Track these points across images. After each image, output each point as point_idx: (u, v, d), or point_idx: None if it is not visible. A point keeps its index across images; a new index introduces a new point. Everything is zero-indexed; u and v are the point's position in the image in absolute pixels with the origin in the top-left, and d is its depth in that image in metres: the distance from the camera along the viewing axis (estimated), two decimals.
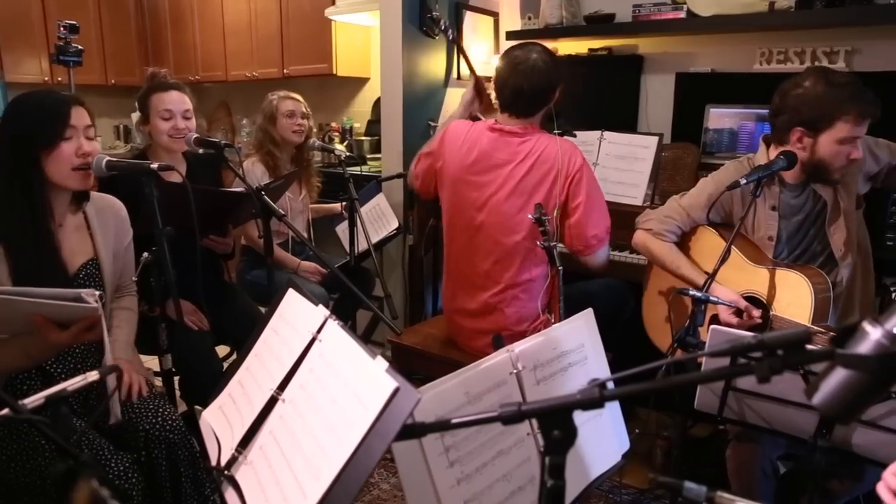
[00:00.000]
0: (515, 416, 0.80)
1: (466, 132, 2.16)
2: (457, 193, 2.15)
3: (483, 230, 2.09)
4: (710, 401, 1.57)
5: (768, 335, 0.72)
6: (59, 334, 1.34)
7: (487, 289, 2.11)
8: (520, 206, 2.03)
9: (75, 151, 1.55)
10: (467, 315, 2.18)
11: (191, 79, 5.18)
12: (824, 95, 1.73)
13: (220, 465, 1.11)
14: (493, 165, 2.07)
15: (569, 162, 2.01)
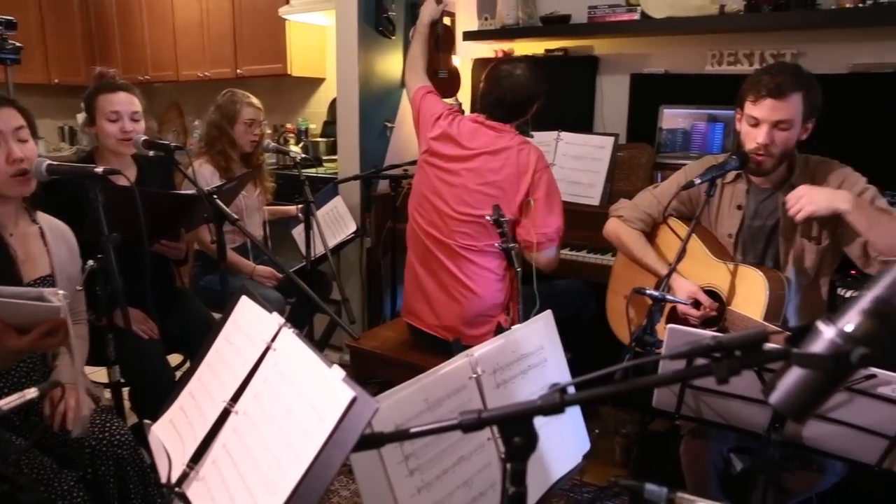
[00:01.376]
0: (476, 423, 0.79)
1: (450, 112, 2.29)
2: (426, 176, 2.24)
3: (447, 216, 2.16)
4: (668, 399, 1.59)
5: (726, 336, 0.72)
6: (17, 339, 1.24)
7: (449, 272, 2.16)
8: (487, 197, 2.10)
9: (6, 158, 1.47)
10: (425, 298, 2.22)
11: (140, 78, 5.03)
12: (748, 78, 1.80)
13: (171, 482, 1.06)
14: (468, 155, 2.16)
15: (536, 161, 2.11)
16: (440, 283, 2.16)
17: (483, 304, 2.13)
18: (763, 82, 1.73)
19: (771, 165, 1.80)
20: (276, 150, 2.80)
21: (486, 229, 2.08)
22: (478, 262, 2.12)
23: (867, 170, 1.87)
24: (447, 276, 2.14)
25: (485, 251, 2.11)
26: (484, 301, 2.13)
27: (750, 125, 1.78)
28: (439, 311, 2.17)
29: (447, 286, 2.15)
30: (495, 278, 2.14)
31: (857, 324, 0.71)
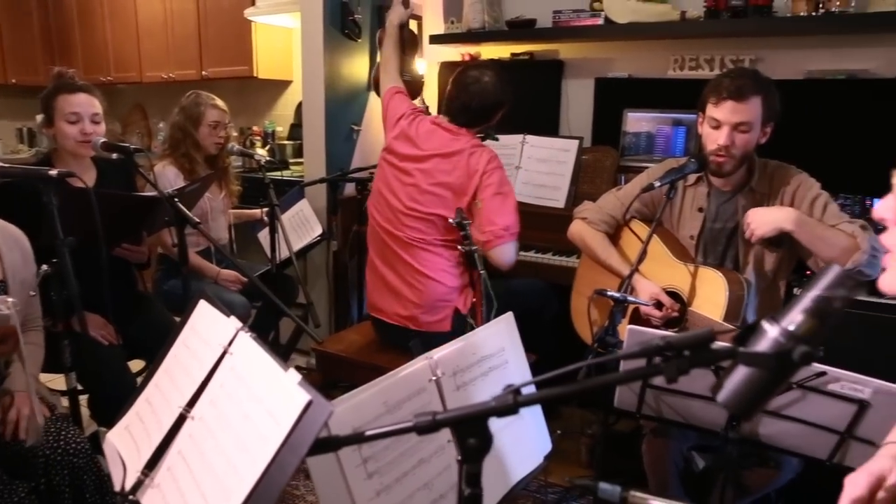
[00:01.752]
0: (430, 425, 0.79)
1: (412, 113, 2.33)
2: (383, 173, 2.29)
3: (399, 211, 2.20)
4: (629, 398, 1.61)
5: (675, 336, 0.74)
6: None
7: (405, 262, 2.20)
8: (437, 198, 2.15)
9: None
10: (385, 288, 2.27)
11: (102, 80, 4.93)
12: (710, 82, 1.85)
13: (125, 490, 1.04)
14: (422, 156, 2.20)
15: (485, 163, 2.13)
16: (398, 273, 2.21)
17: (439, 289, 2.17)
18: (724, 85, 1.77)
19: (731, 167, 1.84)
20: (241, 153, 2.77)
21: (436, 226, 2.15)
22: (431, 251, 2.17)
23: (821, 173, 1.92)
24: (403, 266, 2.19)
25: (435, 244, 2.17)
26: (440, 286, 2.17)
27: (711, 127, 1.82)
28: (400, 300, 2.21)
29: (404, 276, 2.19)
30: (449, 265, 2.18)
31: (799, 323, 0.73)
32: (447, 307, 2.18)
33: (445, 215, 2.11)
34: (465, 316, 2.17)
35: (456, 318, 2.18)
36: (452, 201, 2.12)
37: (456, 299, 2.19)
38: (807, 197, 1.83)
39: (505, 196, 2.13)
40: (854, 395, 1.36)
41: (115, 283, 2.23)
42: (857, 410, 1.37)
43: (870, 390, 1.35)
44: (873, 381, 1.34)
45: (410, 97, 2.52)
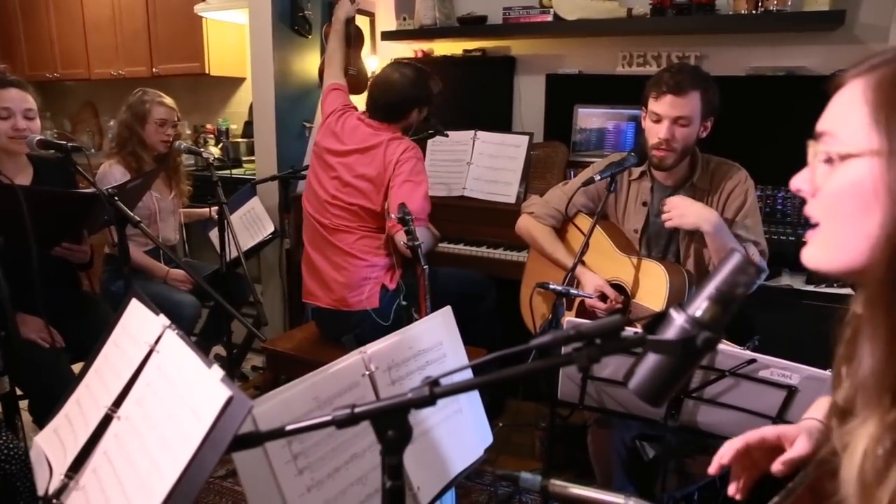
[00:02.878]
0: (348, 419, 0.79)
1: (343, 109, 2.38)
2: (313, 165, 2.39)
3: (325, 201, 2.29)
4: (572, 390, 1.64)
5: (586, 325, 0.75)
6: None
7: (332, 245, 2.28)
8: (358, 190, 2.23)
9: None
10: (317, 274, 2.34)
11: (49, 76, 4.80)
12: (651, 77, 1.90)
13: (48, 494, 1.02)
14: (344, 151, 2.28)
15: (400, 153, 2.20)
16: (326, 258, 2.29)
17: (363, 267, 2.24)
18: (664, 80, 1.82)
19: (672, 161, 1.88)
20: (188, 151, 2.73)
21: (359, 216, 2.24)
22: (355, 234, 2.25)
23: (762, 166, 1.98)
24: (331, 250, 2.27)
25: (359, 230, 2.25)
26: (363, 264, 2.24)
27: (652, 121, 1.86)
28: (329, 283, 2.28)
29: (332, 258, 2.27)
30: (373, 246, 2.26)
31: (703, 309, 0.75)
32: (373, 284, 2.24)
33: (367, 206, 2.21)
34: (392, 292, 2.24)
35: (383, 294, 2.25)
36: (373, 193, 2.20)
37: (382, 276, 2.26)
38: (738, 200, 1.91)
39: (415, 184, 2.17)
40: (783, 381, 1.41)
41: (57, 284, 2.18)
42: (786, 396, 1.41)
43: (798, 376, 1.39)
44: (801, 367, 1.39)
45: (356, 91, 2.54)
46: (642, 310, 1.91)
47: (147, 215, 2.68)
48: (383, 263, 2.27)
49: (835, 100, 0.72)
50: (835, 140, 0.69)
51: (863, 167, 0.65)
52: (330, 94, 2.48)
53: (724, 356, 1.43)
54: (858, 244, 0.66)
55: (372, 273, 2.24)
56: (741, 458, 0.94)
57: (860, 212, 0.65)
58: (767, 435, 0.93)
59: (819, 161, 0.70)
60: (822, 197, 0.70)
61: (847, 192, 0.67)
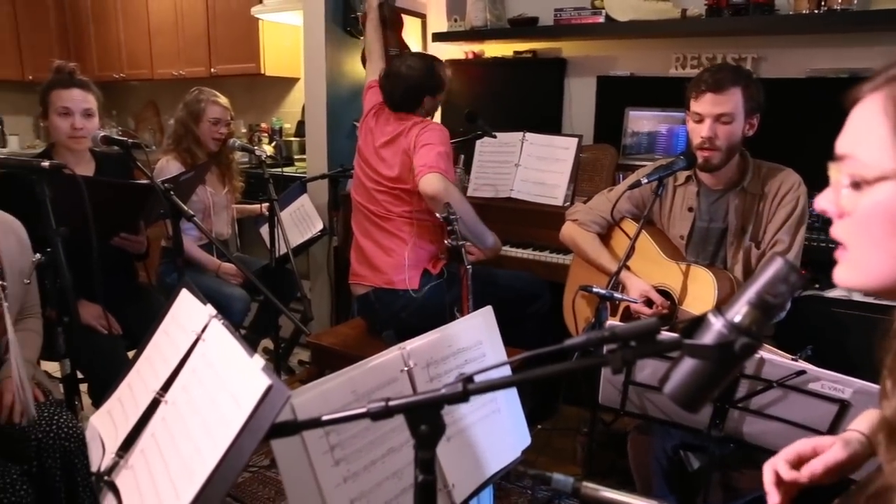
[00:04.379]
0: (383, 411, 0.81)
1: (381, 106, 2.45)
2: (357, 160, 2.46)
3: (371, 189, 2.38)
4: (613, 395, 1.62)
5: (621, 327, 0.74)
6: None
7: (379, 237, 2.36)
8: (393, 172, 2.31)
9: None
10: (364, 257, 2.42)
11: (115, 76, 5.01)
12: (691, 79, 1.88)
13: (101, 471, 1.07)
14: (380, 143, 2.36)
15: (418, 132, 2.26)
16: (375, 242, 2.37)
17: (410, 249, 2.30)
18: (703, 79, 1.80)
19: (718, 160, 1.84)
20: (241, 148, 2.81)
21: (404, 200, 2.30)
22: (404, 219, 2.33)
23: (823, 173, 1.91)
24: (380, 234, 2.35)
25: (403, 216, 2.33)
26: (410, 247, 2.31)
27: (694, 122, 1.83)
28: (378, 265, 2.35)
29: (381, 242, 2.35)
30: (421, 231, 2.34)
31: (743, 315, 0.73)
32: (417, 267, 2.31)
33: (407, 188, 2.27)
34: (434, 276, 2.29)
35: (425, 277, 2.30)
36: (408, 175, 2.26)
37: (426, 261, 2.33)
38: (789, 205, 1.86)
39: (432, 146, 2.21)
40: (835, 394, 1.36)
41: (115, 274, 2.28)
42: (838, 410, 1.36)
43: (850, 390, 1.34)
44: (854, 380, 1.34)
45: None
46: (689, 316, 1.87)
47: (201, 209, 2.77)
48: (429, 249, 2.34)
49: (852, 117, 0.69)
50: (856, 163, 0.66)
51: (889, 190, 0.63)
52: (368, 92, 2.57)
53: (772, 366, 1.39)
54: (890, 265, 0.64)
55: (417, 257, 2.31)
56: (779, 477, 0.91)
57: (890, 235, 0.63)
58: (803, 450, 0.90)
59: (843, 185, 0.68)
60: (849, 221, 0.68)
61: (875, 216, 0.64)
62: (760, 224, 1.90)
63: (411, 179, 2.23)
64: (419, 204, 2.25)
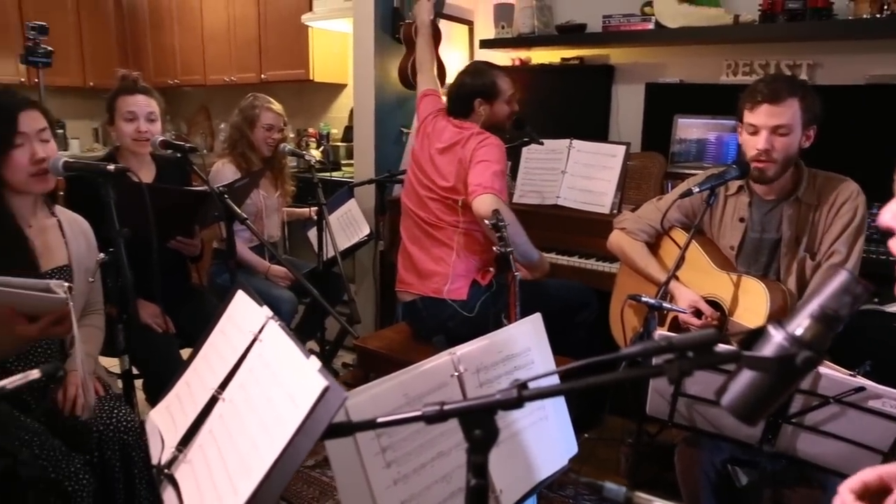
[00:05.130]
0: (437, 415, 0.82)
1: (436, 113, 2.48)
2: (410, 166, 2.47)
3: (424, 197, 2.38)
4: (661, 406, 1.60)
5: (678, 337, 0.74)
6: (27, 327, 1.34)
7: (428, 244, 2.36)
8: (450, 186, 2.29)
9: (29, 158, 1.55)
10: (412, 265, 2.42)
11: (170, 82, 5.18)
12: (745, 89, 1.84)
13: (161, 464, 1.11)
14: (436, 150, 2.36)
15: (476, 144, 2.25)
16: (425, 249, 2.37)
17: (459, 260, 2.30)
18: (759, 89, 1.76)
19: (773, 172, 1.80)
20: (292, 153, 2.87)
21: (455, 210, 2.29)
22: (455, 228, 2.31)
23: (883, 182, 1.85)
24: (430, 241, 2.35)
25: (454, 224, 2.31)
26: (460, 257, 2.30)
27: (749, 133, 1.80)
28: (425, 274, 2.35)
29: (430, 250, 2.35)
30: (472, 241, 2.32)
31: (805, 328, 0.72)
32: (466, 278, 2.30)
33: (457, 198, 2.27)
34: (483, 288, 2.28)
35: (473, 289, 2.29)
36: (461, 185, 2.25)
37: (475, 272, 2.32)
38: (846, 216, 1.81)
39: (488, 163, 2.20)
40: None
41: (170, 275, 2.35)
42: None
43: None
44: None
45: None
46: (740, 328, 1.84)
47: (254, 212, 2.84)
48: (478, 260, 2.33)
49: None
50: None
51: None
52: (423, 100, 2.59)
53: (829, 381, 1.35)
54: None
55: (466, 268, 2.30)
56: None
57: None
58: (868, 479, 0.87)
59: None
60: None
61: None
62: (816, 235, 1.86)
63: (464, 191, 2.23)
64: (470, 215, 2.24)
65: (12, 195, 1.60)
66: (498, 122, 2.38)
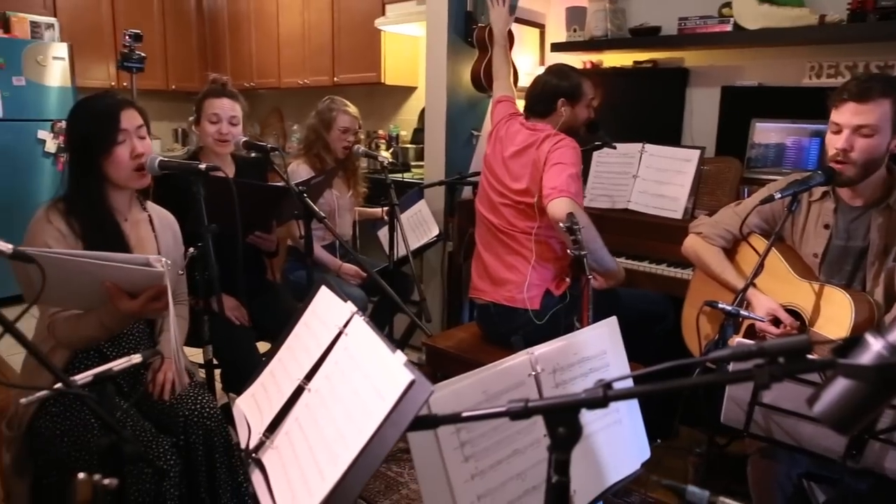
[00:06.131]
0: (522, 411, 0.84)
1: (509, 117, 2.48)
2: (484, 170, 2.46)
3: (497, 203, 2.37)
4: (737, 415, 1.56)
5: (770, 342, 0.73)
6: (129, 302, 1.44)
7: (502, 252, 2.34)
8: (520, 186, 2.28)
9: (130, 153, 1.64)
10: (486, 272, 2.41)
11: (246, 85, 5.37)
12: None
13: (249, 449, 1.17)
14: (509, 153, 2.35)
15: (550, 147, 2.22)
16: (498, 257, 2.36)
17: (533, 268, 2.27)
18: (848, 87, 1.70)
19: (852, 174, 1.73)
20: (366, 154, 2.93)
21: (529, 215, 2.27)
22: (528, 235, 2.29)
23: None
24: (503, 249, 2.34)
25: (527, 231, 2.29)
26: (534, 265, 2.27)
27: (832, 132, 1.74)
28: (500, 281, 2.34)
29: (504, 258, 2.34)
30: (546, 249, 2.29)
31: None
32: (539, 287, 2.28)
33: (531, 202, 2.24)
34: (556, 298, 2.26)
35: (546, 298, 2.27)
36: (535, 188, 2.23)
37: (549, 282, 2.29)
38: None
39: (564, 165, 2.17)
40: None
41: (247, 269, 2.45)
42: None
43: None
44: None
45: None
46: (821, 339, 1.78)
47: (327, 211, 2.92)
48: (553, 269, 2.30)
49: None
50: None
51: None
52: (497, 106, 2.60)
53: None
54: None
55: (540, 276, 2.27)
56: None
57: None
58: None
59: None
60: None
61: None
62: None
63: (538, 193, 2.21)
64: (545, 220, 2.22)
65: (112, 191, 1.70)
66: (576, 126, 2.36)
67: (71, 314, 1.55)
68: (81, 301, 1.50)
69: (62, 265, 1.30)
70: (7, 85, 4.27)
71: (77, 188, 1.66)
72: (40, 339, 1.59)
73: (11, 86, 4.29)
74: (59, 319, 1.54)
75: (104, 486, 0.88)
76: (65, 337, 1.56)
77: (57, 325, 1.54)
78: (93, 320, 1.50)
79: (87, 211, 1.65)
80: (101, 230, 1.65)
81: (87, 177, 1.65)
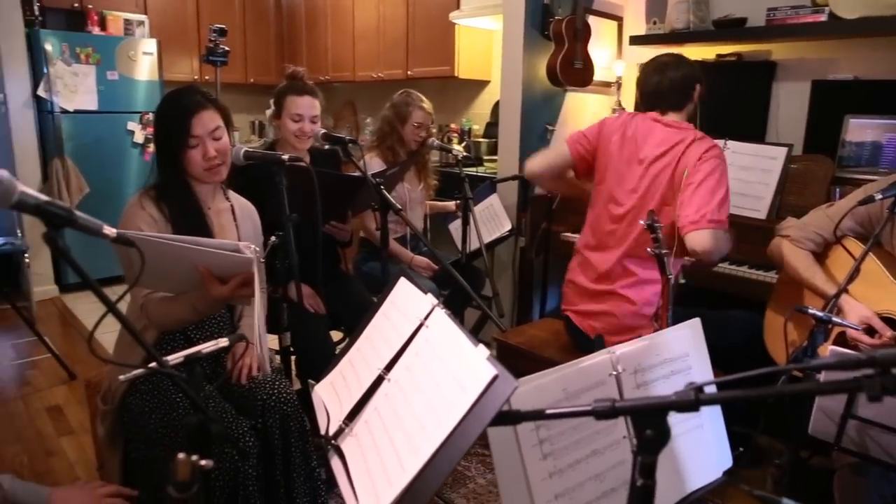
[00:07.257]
0: (609, 411, 0.82)
1: (615, 119, 2.24)
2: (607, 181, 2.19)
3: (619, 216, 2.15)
4: (827, 427, 1.49)
5: (882, 352, 0.69)
6: (219, 288, 1.50)
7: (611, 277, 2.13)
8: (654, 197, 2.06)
9: (202, 156, 1.70)
10: (583, 294, 2.21)
11: (321, 78, 5.49)
12: None
13: (328, 435, 1.19)
14: (642, 159, 2.10)
15: (700, 153, 1.99)
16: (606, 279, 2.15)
17: (632, 311, 2.10)
18: None
19: None
20: (440, 148, 2.95)
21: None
22: (638, 272, 2.09)
23: None
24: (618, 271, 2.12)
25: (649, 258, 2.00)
26: (633, 309, 2.10)
27: None
28: (595, 311, 2.16)
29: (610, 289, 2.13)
30: (651, 290, 2.08)
31: None
32: (634, 332, 2.04)
33: (667, 222, 2.01)
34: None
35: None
36: (669, 199, 2.02)
37: (647, 326, 2.07)
38: None
39: (715, 186, 1.94)
40: None
41: (322, 259, 2.50)
42: None
43: None
44: None
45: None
46: None
47: (399, 204, 2.95)
48: (650, 313, 2.09)
49: None
50: None
51: None
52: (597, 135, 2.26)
53: None
54: None
55: (639, 322, 2.09)
56: None
57: None
58: None
59: None
60: None
61: None
62: None
63: (672, 201, 1.99)
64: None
65: (196, 182, 1.77)
66: (694, 115, 2.17)
67: (164, 296, 1.62)
68: (174, 284, 1.56)
69: (159, 249, 1.35)
70: (102, 79, 4.52)
71: (165, 177, 1.73)
72: (132, 319, 1.67)
73: (106, 80, 4.53)
74: (153, 301, 1.62)
75: (201, 466, 0.91)
76: (157, 318, 1.63)
77: (150, 307, 1.62)
78: (185, 303, 1.57)
79: (175, 198, 1.72)
80: (187, 217, 1.72)
81: (173, 167, 1.72)
